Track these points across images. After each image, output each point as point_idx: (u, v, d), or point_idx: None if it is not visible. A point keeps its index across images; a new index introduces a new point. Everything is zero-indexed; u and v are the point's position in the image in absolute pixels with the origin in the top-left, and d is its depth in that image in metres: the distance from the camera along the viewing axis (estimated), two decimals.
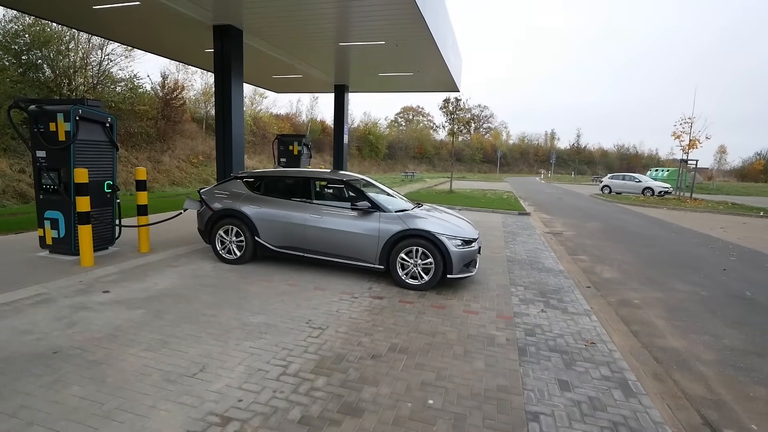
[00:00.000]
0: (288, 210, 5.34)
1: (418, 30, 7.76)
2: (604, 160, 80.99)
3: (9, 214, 9.28)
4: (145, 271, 5.15)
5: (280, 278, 5.10)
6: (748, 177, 61.08)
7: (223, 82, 8.01)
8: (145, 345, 3.21)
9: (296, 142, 11.09)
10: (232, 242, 5.57)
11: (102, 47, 17.86)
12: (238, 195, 5.61)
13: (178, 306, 4.04)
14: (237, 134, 8.22)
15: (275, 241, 5.40)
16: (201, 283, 4.80)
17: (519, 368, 3.21)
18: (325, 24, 7.93)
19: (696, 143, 18.49)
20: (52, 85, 16.13)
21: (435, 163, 62.11)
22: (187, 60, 12.00)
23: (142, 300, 4.16)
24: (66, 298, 4.10)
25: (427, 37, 8.16)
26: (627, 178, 23.30)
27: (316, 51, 9.85)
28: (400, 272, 4.94)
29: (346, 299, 4.50)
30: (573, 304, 4.74)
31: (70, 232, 5.31)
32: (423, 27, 7.58)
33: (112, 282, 4.65)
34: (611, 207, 16.83)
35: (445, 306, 4.45)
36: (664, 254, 8.00)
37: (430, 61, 10.15)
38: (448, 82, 13.09)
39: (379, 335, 3.64)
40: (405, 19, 7.27)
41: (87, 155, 5.35)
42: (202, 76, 27.48)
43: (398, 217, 5.00)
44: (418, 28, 7.68)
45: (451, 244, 4.79)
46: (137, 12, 7.47)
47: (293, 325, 3.74)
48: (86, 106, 5.28)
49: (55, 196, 5.30)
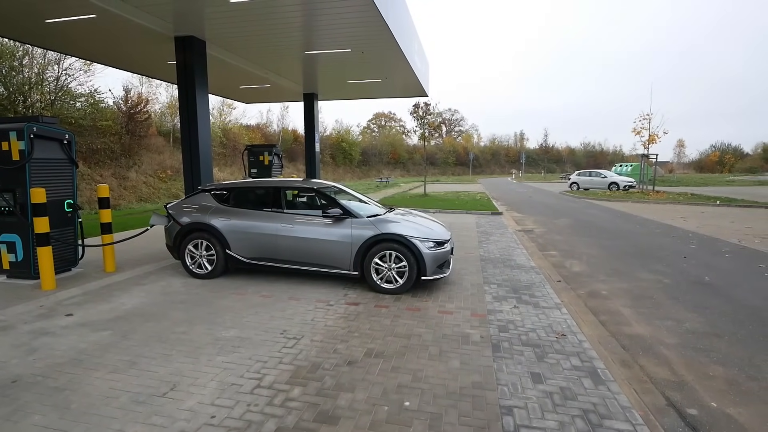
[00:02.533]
0: (259, 221, 5.28)
1: (382, 36, 7.87)
2: (572, 158, 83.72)
3: None
4: (111, 291, 4.97)
5: (254, 290, 5.02)
6: (705, 168, 64.60)
7: (187, 94, 7.87)
8: (111, 367, 3.10)
9: (266, 152, 10.97)
10: (202, 256, 5.45)
11: (59, 62, 17.22)
12: (207, 208, 5.51)
13: (146, 325, 3.92)
14: (204, 146, 8.08)
15: (247, 252, 5.32)
16: (171, 300, 4.67)
17: (493, 364, 3.27)
18: (289, 32, 7.93)
19: (655, 138, 19.44)
20: (5, 102, 15.41)
21: (409, 167, 62.61)
22: (150, 73, 11.74)
23: (108, 321, 4.01)
24: (25, 324, 3.91)
25: (392, 43, 8.27)
26: (593, 174, 24.19)
27: (282, 60, 9.82)
28: (374, 277, 4.95)
29: (322, 307, 4.48)
30: (544, 299, 4.87)
31: (28, 255, 5.07)
32: (386, 33, 7.69)
33: (75, 304, 4.47)
34: (579, 203, 17.40)
35: (420, 308, 4.49)
36: (629, 246, 8.33)
37: (396, 67, 10.28)
38: (416, 88, 13.28)
39: (354, 341, 3.63)
40: (368, 26, 7.35)
41: (44, 174, 5.14)
42: (167, 88, 26.89)
43: (370, 223, 5.03)
44: (382, 34, 7.78)
45: (423, 246, 4.85)
46: (94, 25, 7.26)
47: (267, 337, 3.69)
48: (41, 123, 5.08)
49: (10, 218, 5.05)
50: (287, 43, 8.53)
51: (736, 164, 60.23)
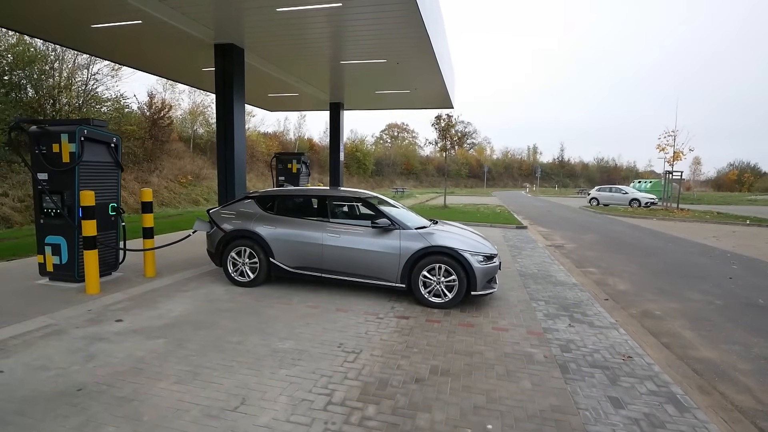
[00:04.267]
0: (304, 230, 5.20)
1: (421, 47, 7.85)
2: (585, 173, 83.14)
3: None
4: (156, 297, 4.91)
5: (299, 300, 4.93)
6: (723, 187, 63.56)
7: (224, 101, 7.89)
8: (174, 377, 3.01)
9: (295, 160, 10.98)
10: (245, 264, 5.37)
11: (88, 66, 17.59)
12: (251, 215, 5.45)
13: (199, 333, 3.84)
14: (239, 154, 8.07)
15: (291, 261, 5.23)
16: (217, 307, 4.59)
17: (566, 386, 3.12)
18: (327, 42, 7.95)
19: (680, 155, 19.14)
20: (35, 105, 15.71)
21: (422, 178, 62.62)
22: (183, 79, 11.87)
23: (160, 328, 3.94)
24: (77, 328, 3.85)
25: (429, 54, 8.26)
26: (614, 190, 23.85)
27: (316, 69, 9.85)
28: (422, 290, 4.83)
29: (372, 320, 4.36)
30: (597, 318, 4.70)
31: (73, 257, 5.05)
32: (426, 44, 7.67)
33: (122, 310, 4.41)
34: (602, 219, 17.12)
35: (473, 324, 4.35)
36: (667, 265, 8.10)
37: (429, 78, 10.27)
38: (443, 99, 13.26)
39: (416, 357, 3.50)
40: (409, 37, 7.33)
41: (92, 177, 5.14)
42: (189, 95, 27.33)
43: (419, 234, 4.92)
44: (421, 46, 7.76)
45: (474, 260, 4.72)
46: (137, 31, 7.36)
47: (325, 350, 3.58)
48: (91, 126, 5.10)
49: (57, 220, 5.04)
50: (324, 53, 8.56)
51: (755, 183, 59.20)
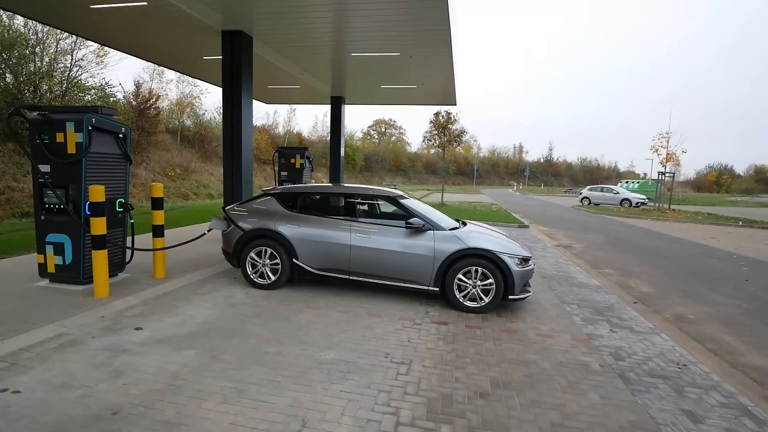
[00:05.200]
0: (331, 229, 4.91)
1: (441, 40, 7.61)
2: (569, 172, 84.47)
3: None
4: (171, 300, 4.55)
5: (326, 304, 4.65)
6: (702, 188, 65.47)
7: (232, 93, 7.48)
8: (219, 396, 2.70)
9: (298, 155, 10.59)
10: (265, 265, 5.05)
11: (72, 52, 16.70)
12: (273, 213, 5.12)
13: (231, 343, 3.53)
14: (246, 147, 7.68)
15: (316, 263, 4.94)
16: (242, 313, 4.27)
17: (635, 399, 2.95)
18: (341, 33, 7.63)
19: (673, 157, 19.48)
20: (15, 92, 14.81)
21: (410, 175, 62.43)
22: (184, 68, 11.28)
23: (186, 337, 3.61)
24: (94, 338, 3.49)
25: (447, 47, 8.03)
26: (605, 190, 24.15)
27: (323, 61, 9.49)
28: (457, 294, 4.61)
29: (410, 326, 4.12)
30: (635, 322, 4.57)
31: (78, 258, 4.63)
32: (446, 37, 7.44)
33: (140, 316, 4.05)
34: (599, 219, 17.24)
35: (515, 330, 4.16)
36: (679, 266, 8.10)
37: (439, 73, 10.03)
38: (447, 95, 13.06)
39: (471, 369, 3.28)
40: (430, 28, 7.07)
41: (99, 170, 4.72)
42: (177, 85, 26.42)
43: (454, 236, 4.70)
44: (441, 38, 7.52)
45: (512, 263, 4.53)
46: (140, 14, 6.88)
47: (373, 361, 3.32)
48: (100, 115, 4.67)
49: (60, 216, 4.62)
50: (336, 44, 8.22)
51: (732, 185, 61.24)
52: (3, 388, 2.66)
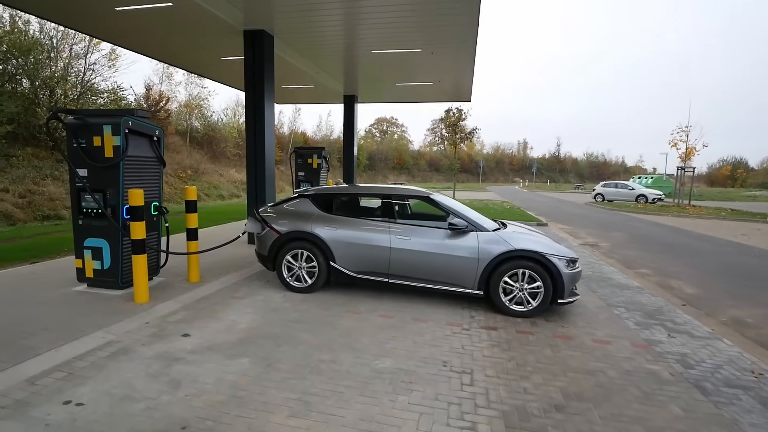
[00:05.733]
0: (369, 231, 4.78)
1: (467, 35, 7.46)
2: (575, 168, 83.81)
3: (5, 239, 8.18)
4: (212, 305, 4.45)
5: (367, 309, 4.53)
6: (716, 182, 64.15)
7: (254, 93, 7.37)
8: (286, 409, 2.59)
9: (315, 154, 10.48)
10: (301, 268, 4.94)
11: (85, 56, 16.71)
12: (308, 215, 5.01)
13: (282, 350, 3.41)
14: (269, 150, 7.57)
15: (354, 266, 4.82)
16: (284, 318, 4.16)
17: (719, 411, 2.79)
18: (365, 30, 7.49)
19: (693, 151, 19.13)
20: (32, 96, 14.84)
21: (414, 173, 62.20)
22: (204, 71, 11.15)
23: (235, 344, 3.50)
24: (144, 346, 3.39)
25: (472, 42, 7.88)
26: (620, 186, 23.83)
27: (341, 59, 9.37)
28: (503, 298, 4.47)
29: (459, 332, 3.99)
30: (691, 326, 4.41)
31: (117, 262, 4.55)
32: (473, 32, 7.29)
33: (184, 322, 3.95)
34: (618, 216, 16.96)
35: (570, 336, 4.01)
36: (717, 265, 7.89)
37: (459, 68, 9.89)
38: (463, 91, 12.89)
39: (536, 378, 3.14)
40: (458, 24, 6.92)
41: (135, 173, 4.63)
42: (186, 87, 26.44)
43: (499, 237, 4.55)
44: (468, 33, 7.37)
45: (562, 265, 4.38)
46: (164, 15, 6.79)
47: (432, 370, 3.19)
48: (135, 117, 4.58)
49: (98, 221, 4.53)
50: (357, 41, 8.09)
51: (747, 179, 60.29)
52: (66, 400, 2.57)
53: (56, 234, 9.08)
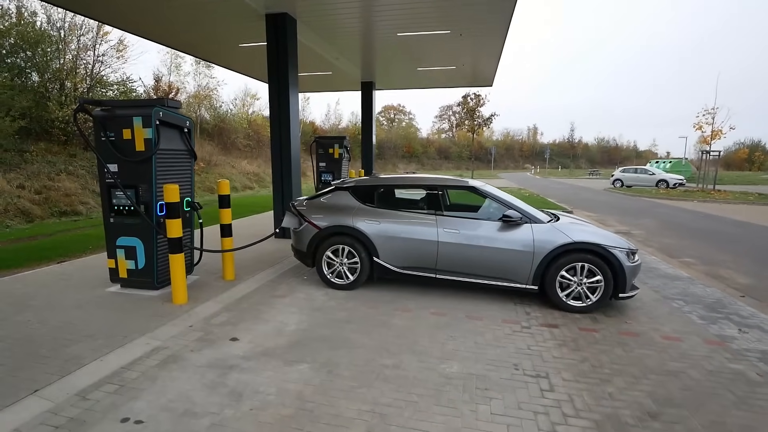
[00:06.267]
0: (415, 225, 4.54)
1: (501, 15, 7.08)
2: (586, 153, 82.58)
3: (26, 237, 8.06)
4: (254, 305, 4.25)
5: (415, 306, 4.30)
6: (733, 165, 62.55)
7: (279, 82, 7.08)
8: (362, 424, 2.38)
9: (336, 144, 10.20)
10: (343, 264, 4.72)
11: (94, 48, 16.44)
12: (349, 208, 4.77)
13: (339, 354, 3.21)
14: (294, 139, 7.31)
15: (398, 261, 4.59)
16: (332, 318, 3.95)
17: None
18: (391, 11, 7.12)
19: (720, 134, 18.53)
20: (42, 90, 14.65)
21: (423, 161, 61.55)
22: (216, 58, 10.78)
23: (289, 348, 3.30)
24: (193, 352, 3.20)
25: (504, 23, 7.50)
26: (639, 171, 23.25)
27: (363, 43, 9.00)
28: (560, 293, 4.22)
29: (519, 330, 3.76)
30: (759, 320, 4.14)
31: (152, 262, 4.35)
32: (507, 11, 6.91)
33: (229, 324, 3.75)
34: (642, 202, 16.47)
35: (636, 333, 3.76)
36: (761, 252, 7.57)
37: (486, 51, 9.49)
38: (486, 76, 12.48)
39: (618, 381, 2.91)
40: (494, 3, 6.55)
41: (166, 168, 4.41)
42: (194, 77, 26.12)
43: (555, 229, 4.28)
44: (502, 13, 6.99)
45: (624, 257, 4.11)
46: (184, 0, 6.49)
47: (504, 374, 2.97)
48: (167, 108, 4.34)
49: (130, 218, 4.33)
50: (383, 23, 7.72)
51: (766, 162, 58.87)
52: (123, 417, 2.38)
53: (77, 231, 8.96)
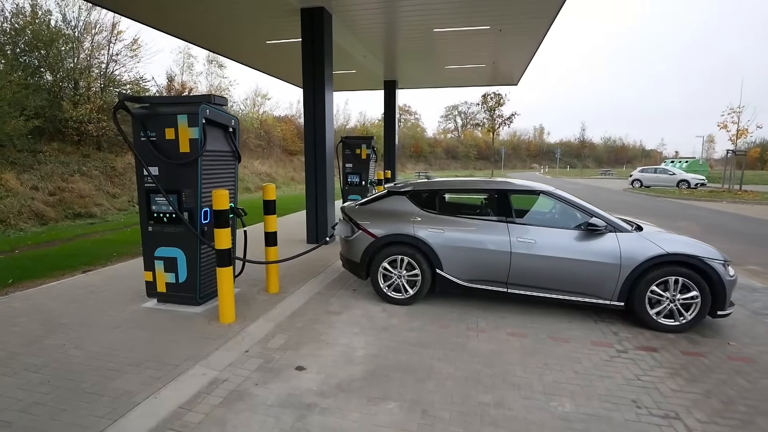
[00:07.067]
0: (484, 233, 4.10)
1: (546, 10, 6.64)
2: (593, 153, 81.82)
3: (44, 242, 7.68)
4: (309, 324, 3.83)
5: (488, 325, 3.87)
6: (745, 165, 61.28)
7: (314, 80, 6.66)
8: None
9: (364, 144, 9.79)
10: (401, 276, 4.29)
11: (108, 47, 16.11)
12: (408, 215, 4.34)
13: (427, 388, 2.78)
14: (329, 140, 6.89)
15: (464, 274, 4.15)
16: (402, 340, 3.53)
17: None
18: (432, 5, 6.70)
19: (746, 132, 18.03)
20: (56, 89, 14.32)
21: (431, 161, 61.05)
22: (240, 56, 10.36)
23: (367, 380, 2.87)
24: (258, 386, 2.78)
25: (548, 18, 7.06)
26: (659, 171, 22.72)
27: (397, 39, 8.59)
28: (650, 310, 3.78)
29: (616, 355, 3.32)
30: None
31: (194, 275, 3.94)
32: (555, 6, 6.47)
33: (288, 349, 3.33)
34: (669, 203, 15.92)
35: (748, 357, 3.32)
36: None
37: (521, 48, 9.06)
38: (513, 75, 12.05)
39: (763, 423, 2.47)
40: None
41: (211, 171, 4.00)
42: (207, 77, 25.79)
43: (644, 239, 3.85)
44: (549, 7, 6.55)
45: (723, 271, 3.66)
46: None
47: (629, 415, 2.53)
48: (213, 105, 3.93)
49: (171, 227, 3.92)
50: (420, 18, 7.30)
51: None
52: None
53: (96, 235, 8.58)
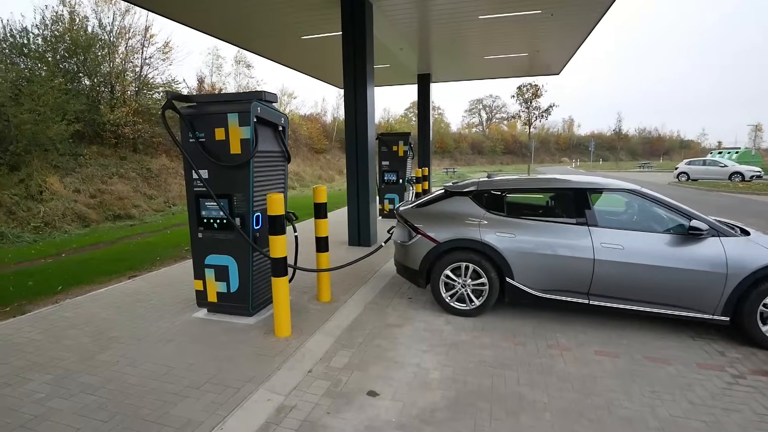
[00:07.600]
0: (563, 238, 3.66)
1: None
2: (627, 145, 78.54)
3: (89, 245, 7.70)
4: (371, 339, 3.51)
5: (569, 342, 3.44)
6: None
7: (355, 74, 6.33)
8: None
9: (401, 141, 9.39)
10: (466, 286, 3.91)
11: (141, 50, 16.34)
12: (473, 217, 3.94)
13: (523, 423, 2.40)
14: (371, 137, 6.55)
15: (539, 283, 3.73)
16: (478, 359, 3.15)
17: None
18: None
19: None
20: (93, 94, 14.61)
21: (456, 157, 60.01)
22: (274, 54, 10.17)
23: (450, 410, 2.52)
24: (330, 415, 2.47)
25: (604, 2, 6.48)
26: (708, 163, 21.30)
27: (438, 30, 8.16)
28: (762, 328, 3.27)
29: (734, 382, 2.84)
30: None
31: (247, 284, 3.69)
32: None
33: (354, 369, 3.01)
34: (727, 198, 14.77)
35: None
36: None
37: (569, 35, 8.46)
38: (556, 64, 11.39)
39: None
40: None
41: (262, 173, 3.73)
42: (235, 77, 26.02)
43: (754, 243, 3.33)
44: None
45: None
46: None
47: None
48: (264, 103, 3.65)
49: (222, 233, 3.68)
50: (466, 6, 6.85)
51: None
52: None
53: (138, 238, 8.58)
